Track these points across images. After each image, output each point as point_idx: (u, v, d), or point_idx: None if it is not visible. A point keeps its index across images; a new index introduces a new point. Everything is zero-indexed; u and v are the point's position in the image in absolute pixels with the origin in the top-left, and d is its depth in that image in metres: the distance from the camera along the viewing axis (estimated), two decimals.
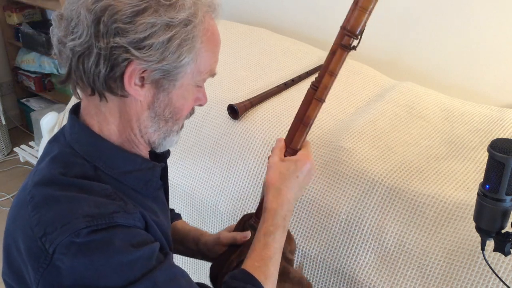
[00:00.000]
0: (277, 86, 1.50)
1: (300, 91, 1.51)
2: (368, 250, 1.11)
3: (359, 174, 1.17)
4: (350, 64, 1.71)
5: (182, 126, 0.83)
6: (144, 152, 0.81)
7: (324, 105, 1.42)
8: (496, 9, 1.55)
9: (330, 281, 1.16)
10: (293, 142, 0.92)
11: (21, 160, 2.67)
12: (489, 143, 0.76)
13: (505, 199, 0.77)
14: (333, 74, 0.87)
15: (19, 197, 0.73)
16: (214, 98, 1.49)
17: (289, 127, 1.34)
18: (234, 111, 1.39)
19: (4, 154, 2.85)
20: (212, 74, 0.80)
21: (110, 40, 0.66)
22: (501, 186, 0.76)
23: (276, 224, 0.85)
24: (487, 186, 0.77)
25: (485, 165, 0.78)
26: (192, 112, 0.83)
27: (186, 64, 0.72)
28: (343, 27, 0.85)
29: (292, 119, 1.38)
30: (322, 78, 0.88)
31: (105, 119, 0.74)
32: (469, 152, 1.26)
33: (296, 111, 0.92)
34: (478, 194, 0.80)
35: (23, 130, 3.08)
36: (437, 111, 1.43)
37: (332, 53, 0.86)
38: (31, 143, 2.73)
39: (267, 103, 1.44)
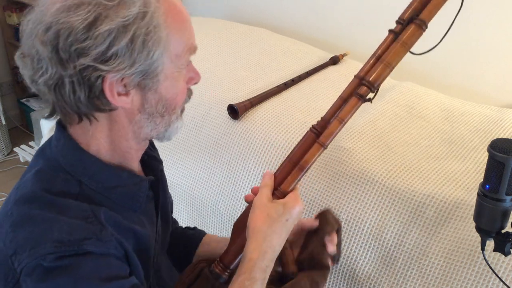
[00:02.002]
0: (277, 86, 1.50)
1: (300, 91, 1.51)
2: (368, 250, 1.11)
3: (359, 174, 1.17)
4: (350, 64, 1.71)
5: (184, 109, 0.79)
6: (135, 159, 0.78)
7: (324, 105, 1.43)
8: (496, 9, 1.55)
9: (330, 281, 1.16)
10: (283, 185, 0.81)
11: (21, 160, 2.67)
12: (489, 143, 0.76)
13: (505, 199, 0.77)
14: (343, 122, 0.80)
15: (3, 209, 0.72)
16: (214, 98, 1.49)
17: (289, 127, 1.35)
18: (234, 111, 1.39)
19: (4, 154, 2.85)
20: (193, 51, 0.74)
21: (75, 64, 0.63)
22: (501, 186, 0.76)
23: (253, 278, 0.73)
24: (487, 186, 0.77)
25: (485, 165, 0.78)
26: (189, 93, 0.79)
27: (160, 56, 0.68)
28: (360, 77, 0.79)
29: (292, 120, 1.38)
30: (328, 123, 0.81)
31: (93, 136, 0.72)
32: (469, 152, 1.26)
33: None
34: (478, 194, 0.80)
35: (23, 130, 3.08)
36: (437, 111, 1.43)
37: (343, 99, 0.80)
38: (31, 143, 2.73)
39: (267, 103, 1.44)
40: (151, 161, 0.86)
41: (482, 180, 0.79)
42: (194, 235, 1.05)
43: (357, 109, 0.79)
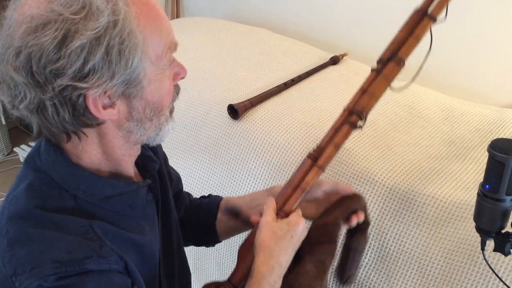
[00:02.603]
0: (277, 86, 1.50)
1: (300, 91, 1.51)
2: (368, 250, 1.11)
3: (359, 174, 1.17)
4: (350, 64, 1.71)
5: (173, 109, 0.77)
6: (129, 165, 0.77)
7: (324, 105, 1.43)
8: (496, 9, 1.55)
9: (330, 281, 1.16)
10: (286, 206, 0.86)
11: (21, 160, 2.67)
12: (489, 143, 0.77)
13: (505, 199, 0.77)
14: (338, 147, 0.88)
15: None
16: (214, 98, 1.49)
17: (289, 127, 1.35)
18: (234, 111, 1.39)
19: (4, 154, 2.85)
20: (174, 48, 0.71)
21: (54, 86, 0.61)
22: (501, 186, 0.76)
23: None
24: (487, 186, 0.77)
25: (485, 165, 0.78)
26: (177, 90, 0.77)
27: (139, 63, 0.65)
28: (350, 109, 0.89)
29: (292, 120, 1.38)
30: (324, 149, 0.88)
31: (83, 150, 0.71)
32: (469, 152, 1.26)
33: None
34: (478, 194, 0.80)
35: (23, 130, 3.08)
36: (437, 111, 1.43)
37: (335, 129, 0.90)
38: (31, 143, 2.73)
39: (267, 103, 1.44)
40: (147, 162, 0.85)
41: (482, 180, 0.79)
42: (211, 202, 1.05)
43: (349, 136, 0.89)
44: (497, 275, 0.92)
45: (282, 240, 0.79)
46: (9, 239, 0.65)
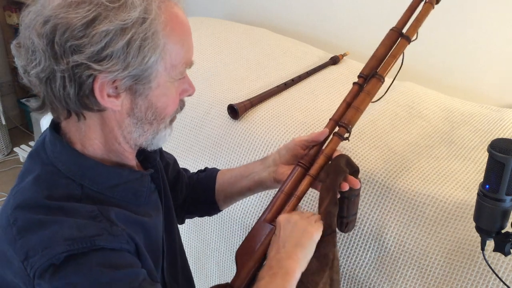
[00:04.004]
0: (277, 86, 1.50)
1: (300, 91, 1.51)
2: (368, 250, 1.11)
3: (359, 174, 1.16)
4: (350, 64, 1.71)
5: (174, 119, 0.80)
6: (131, 159, 0.79)
7: (324, 105, 1.43)
8: (496, 9, 1.55)
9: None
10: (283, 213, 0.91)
11: (21, 160, 2.67)
12: (489, 143, 0.77)
13: (505, 199, 0.77)
14: (328, 157, 0.93)
15: (1, 217, 0.70)
16: (214, 98, 1.49)
17: (289, 127, 1.35)
18: (234, 111, 1.39)
19: (4, 154, 2.85)
20: (189, 64, 0.76)
21: (69, 60, 0.64)
22: (501, 186, 0.76)
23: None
24: (487, 186, 0.77)
25: (485, 165, 0.78)
26: (182, 104, 0.80)
27: (155, 64, 0.68)
28: (335, 120, 0.95)
29: (292, 120, 1.38)
30: (312, 157, 0.93)
31: (86, 136, 0.73)
32: (469, 152, 1.26)
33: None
34: (478, 194, 0.80)
35: (23, 130, 3.08)
36: (437, 111, 1.42)
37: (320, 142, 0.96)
38: (31, 143, 2.74)
39: (267, 103, 1.44)
40: (148, 152, 0.87)
41: (482, 180, 0.79)
42: (207, 176, 1.09)
43: (337, 146, 0.94)
44: (497, 275, 0.92)
45: (282, 231, 0.83)
46: (19, 227, 0.66)
